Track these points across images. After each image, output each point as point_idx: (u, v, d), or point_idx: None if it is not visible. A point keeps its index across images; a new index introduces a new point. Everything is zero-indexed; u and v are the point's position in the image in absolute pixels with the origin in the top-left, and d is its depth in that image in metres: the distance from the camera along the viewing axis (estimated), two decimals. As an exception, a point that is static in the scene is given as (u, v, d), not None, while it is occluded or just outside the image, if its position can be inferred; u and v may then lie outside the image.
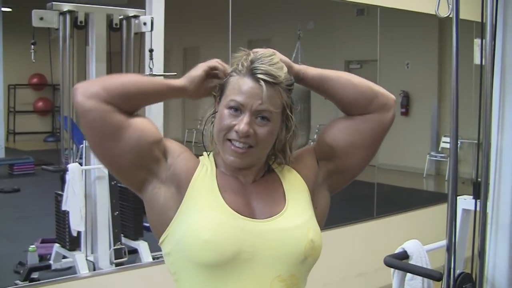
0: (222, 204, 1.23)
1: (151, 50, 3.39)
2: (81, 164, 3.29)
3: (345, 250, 4.18)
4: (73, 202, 3.16)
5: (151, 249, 3.55)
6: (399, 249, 2.48)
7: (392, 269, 2.43)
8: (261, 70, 1.21)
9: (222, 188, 1.26)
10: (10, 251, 4.44)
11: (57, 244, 3.55)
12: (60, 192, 3.37)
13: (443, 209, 2.29)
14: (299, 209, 1.28)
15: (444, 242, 2.23)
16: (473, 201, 2.27)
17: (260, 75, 1.21)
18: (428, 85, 7.81)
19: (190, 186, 1.25)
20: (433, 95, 7.77)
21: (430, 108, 7.79)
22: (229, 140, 1.24)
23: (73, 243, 3.39)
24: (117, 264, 3.38)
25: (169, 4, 3.49)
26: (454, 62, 2.14)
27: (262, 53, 1.26)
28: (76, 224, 3.18)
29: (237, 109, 1.23)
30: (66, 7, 3.16)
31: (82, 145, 3.50)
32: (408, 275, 2.42)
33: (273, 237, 1.22)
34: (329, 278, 4.05)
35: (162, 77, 1.30)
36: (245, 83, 1.22)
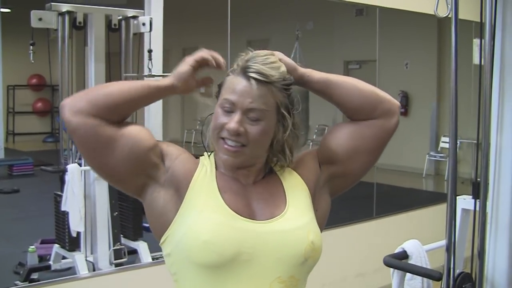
0: (222, 205, 1.23)
1: (150, 51, 3.39)
2: (80, 165, 3.28)
3: (345, 250, 4.18)
4: (73, 203, 3.16)
5: (151, 250, 3.54)
6: (399, 249, 2.48)
7: (392, 269, 2.43)
8: (253, 69, 1.21)
9: (222, 189, 1.25)
10: (10, 252, 4.44)
11: (57, 245, 3.55)
12: (60, 193, 3.37)
13: (443, 209, 2.30)
14: (300, 211, 1.27)
15: (444, 242, 2.23)
16: (473, 201, 2.27)
17: (251, 74, 1.21)
18: (427, 85, 7.81)
19: (190, 188, 1.24)
20: (432, 95, 7.76)
21: (429, 108, 7.79)
22: (223, 139, 1.24)
23: (73, 244, 3.39)
24: (117, 265, 3.37)
25: (168, 5, 3.49)
26: (453, 62, 2.14)
27: (257, 53, 1.26)
28: (76, 225, 3.18)
29: (230, 108, 1.23)
30: (65, 8, 3.15)
31: (82, 146, 3.49)
32: (408, 275, 2.42)
33: (273, 239, 1.22)
34: (329, 278, 4.05)
35: (152, 79, 1.28)
36: (238, 82, 1.23)
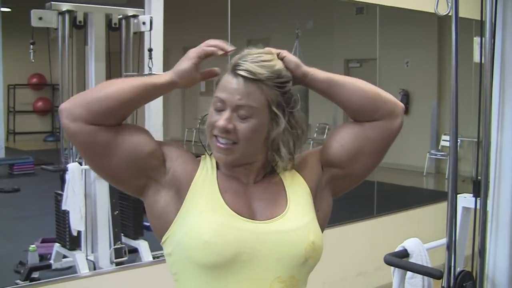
0: (223, 206, 1.23)
1: (150, 50, 3.39)
2: (81, 164, 3.28)
3: (345, 249, 4.17)
4: (73, 202, 3.16)
5: (151, 248, 3.55)
6: (399, 248, 2.48)
7: (393, 268, 2.43)
8: (242, 67, 1.21)
9: (223, 190, 1.25)
10: (11, 251, 4.44)
11: (58, 244, 3.55)
12: (60, 192, 3.37)
13: (443, 207, 2.29)
14: (301, 211, 1.27)
15: (444, 240, 2.23)
16: (473, 199, 2.27)
17: (239, 72, 1.21)
18: (428, 84, 7.80)
19: (191, 189, 1.24)
20: (433, 94, 7.76)
21: (430, 107, 7.79)
22: (215, 137, 1.24)
23: (73, 243, 3.39)
24: (117, 264, 3.38)
25: (168, 4, 3.49)
26: (454, 61, 2.14)
27: (250, 51, 1.25)
28: (76, 224, 3.18)
29: (221, 106, 1.23)
30: (65, 7, 3.15)
31: (82, 145, 3.50)
32: (409, 274, 2.41)
33: (273, 239, 1.22)
34: (329, 277, 4.05)
35: (150, 76, 1.26)
36: (228, 80, 1.23)
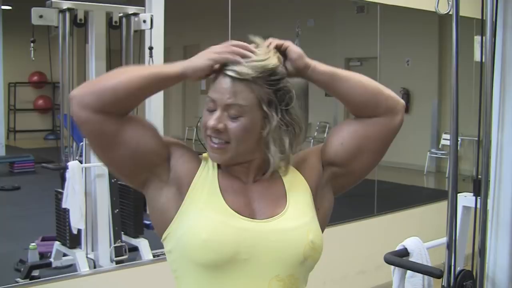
0: (223, 205, 1.23)
1: (151, 48, 3.39)
2: (81, 162, 3.29)
3: (346, 248, 4.18)
4: (73, 200, 3.16)
5: (152, 247, 3.55)
6: (400, 247, 2.48)
7: (393, 267, 2.43)
8: (230, 67, 1.21)
9: (223, 188, 1.25)
10: (11, 249, 4.44)
11: (58, 242, 3.55)
12: (60, 190, 3.37)
13: (444, 207, 2.29)
14: (300, 210, 1.27)
15: (445, 239, 2.22)
16: (474, 198, 2.27)
17: (227, 72, 1.21)
18: (429, 82, 7.80)
19: (192, 187, 1.25)
20: (434, 92, 7.76)
21: (431, 105, 7.78)
22: (209, 137, 1.24)
23: (74, 241, 3.39)
24: (118, 262, 3.38)
25: (169, 2, 3.49)
26: (454, 59, 2.13)
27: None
28: (76, 222, 3.18)
29: (213, 106, 1.23)
30: (66, 5, 3.15)
31: (82, 143, 3.50)
32: (409, 273, 2.41)
33: (272, 238, 1.22)
34: (330, 276, 4.05)
35: (159, 66, 1.26)
36: (218, 81, 1.23)
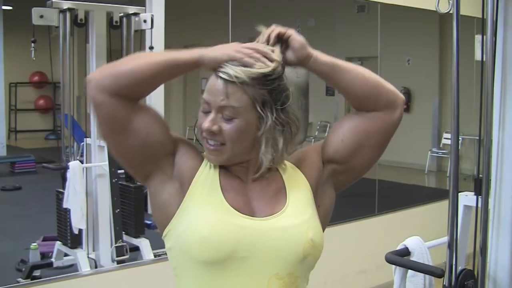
0: (223, 203, 1.23)
1: (152, 48, 3.39)
2: (82, 162, 3.29)
3: (347, 247, 4.17)
4: (74, 200, 3.17)
5: (153, 247, 3.55)
6: (401, 246, 2.48)
7: (394, 266, 2.43)
8: (222, 69, 1.21)
9: (224, 187, 1.26)
10: (12, 249, 4.44)
11: (59, 242, 3.56)
12: (61, 190, 3.37)
13: (445, 206, 2.29)
14: (300, 208, 1.27)
15: (446, 239, 2.22)
16: (475, 198, 2.27)
17: (220, 74, 1.21)
18: (429, 82, 7.79)
19: (192, 184, 1.25)
20: (434, 91, 7.75)
21: (431, 105, 7.77)
22: (206, 138, 1.25)
23: (75, 241, 3.39)
24: (119, 262, 3.38)
25: (169, 2, 3.49)
26: (455, 59, 2.13)
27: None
28: (77, 222, 3.19)
29: (207, 108, 1.23)
30: (66, 5, 3.15)
31: (83, 143, 3.51)
32: (410, 272, 2.41)
33: (272, 236, 1.22)
34: (331, 275, 4.05)
35: (176, 52, 1.26)
36: (212, 82, 1.23)
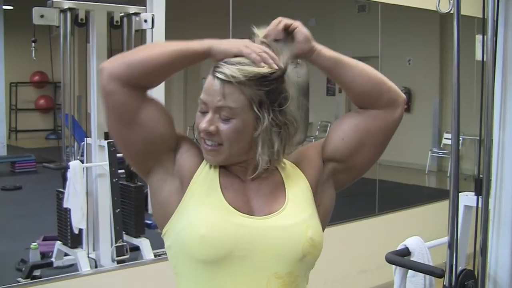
0: (222, 201, 1.23)
1: (152, 48, 3.39)
2: (83, 162, 3.29)
3: (347, 247, 4.17)
4: (75, 200, 3.17)
5: (153, 247, 3.55)
6: (401, 246, 2.47)
7: (394, 266, 2.43)
8: (219, 69, 1.21)
9: (223, 186, 1.26)
10: (12, 249, 4.44)
11: (59, 242, 3.56)
12: (62, 190, 3.38)
13: (445, 206, 2.29)
14: (299, 207, 1.27)
15: (446, 239, 2.22)
16: (475, 198, 2.27)
17: (217, 74, 1.21)
18: (430, 81, 7.79)
19: (192, 183, 1.25)
20: (435, 91, 7.75)
21: (432, 104, 7.77)
22: (203, 139, 1.25)
23: (75, 241, 3.40)
24: (119, 262, 3.38)
25: (170, 1, 3.48)
26: (456, 58, 2.13)
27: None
28: (78, 222, 3.19)
29: (205, 108, 1.24)
30: (67, 5, 3.15)
31: (83, 143, 3.51)
32: (410, 272, 2.41)
33: (271, 235, 1.22)
34: (331, 275, 4.05)
35: (187, 42, 1.27)
36: (209, 82, 1.23)
